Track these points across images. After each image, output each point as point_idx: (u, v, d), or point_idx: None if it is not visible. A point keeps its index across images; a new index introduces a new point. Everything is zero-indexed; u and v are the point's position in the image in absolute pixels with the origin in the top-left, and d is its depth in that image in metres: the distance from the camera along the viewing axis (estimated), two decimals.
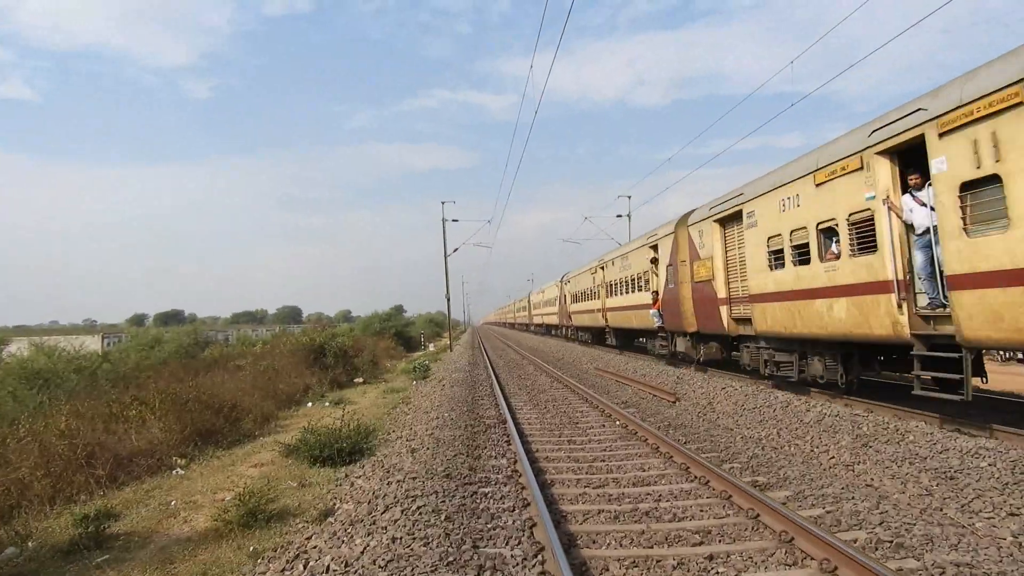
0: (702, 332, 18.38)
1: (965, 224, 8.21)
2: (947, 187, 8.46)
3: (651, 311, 22.71)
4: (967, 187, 8.17)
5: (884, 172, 9.98)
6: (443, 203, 42.51)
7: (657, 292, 22.27)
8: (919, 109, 9.09)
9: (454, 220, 56.93)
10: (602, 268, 32.31)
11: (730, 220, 15.87)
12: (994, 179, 7.77)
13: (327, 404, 18.47)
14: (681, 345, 20.43)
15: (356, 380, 24.84)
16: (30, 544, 7.25)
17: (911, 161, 9.62)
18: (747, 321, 15.07)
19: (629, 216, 43.77)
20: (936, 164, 8.67)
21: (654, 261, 22.74)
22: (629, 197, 44.60)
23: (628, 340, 31.13)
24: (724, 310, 16.37)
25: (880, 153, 9.97)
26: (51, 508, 8.64)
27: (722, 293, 16.39)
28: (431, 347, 53.59)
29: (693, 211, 18.85)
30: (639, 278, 25.01)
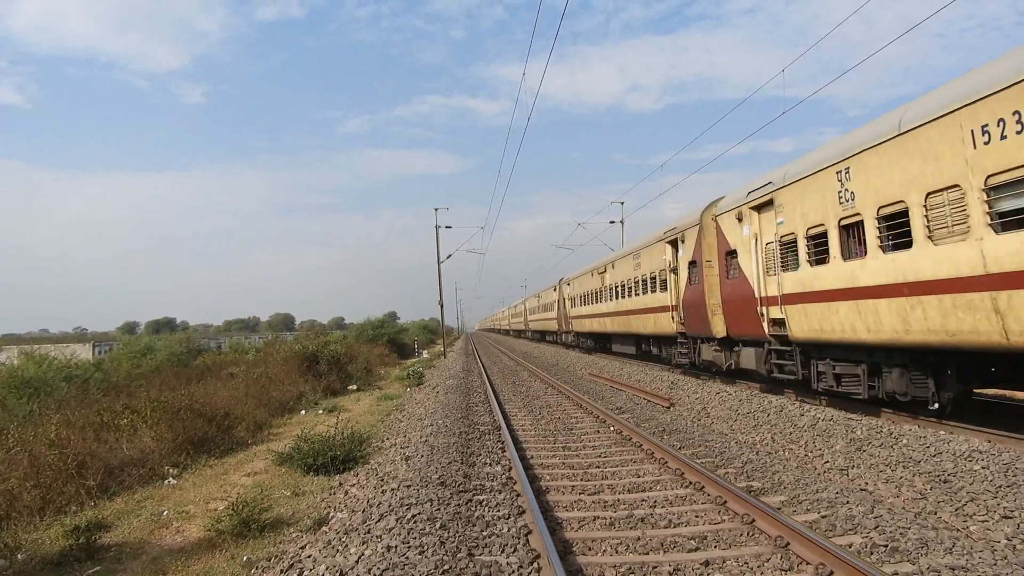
0: (732, 336, 15.86)
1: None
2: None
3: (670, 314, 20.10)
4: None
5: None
6: (436, 209, 42.50)
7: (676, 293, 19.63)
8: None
9: (448, 226, 56.98)
10: (607, 269, 29.21)
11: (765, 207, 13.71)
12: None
13: (321, 412, 18.40)
14: (707, 353, 17.60)
15: (350, 387, 24.75)
16: (19, 556, 7.17)
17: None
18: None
19: (622, 222, 43.83)
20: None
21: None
22: (622, 203, 44.67)
23: (638, 347, 26.47)
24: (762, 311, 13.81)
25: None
26: (41, 519, 8.56)
27: (760, 292, 13.85)
28: (425, 354, 53.48)
29: (721, 198, 16.57)
30: (653, 278, 22.03)
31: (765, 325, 13.63)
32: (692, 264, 17.85)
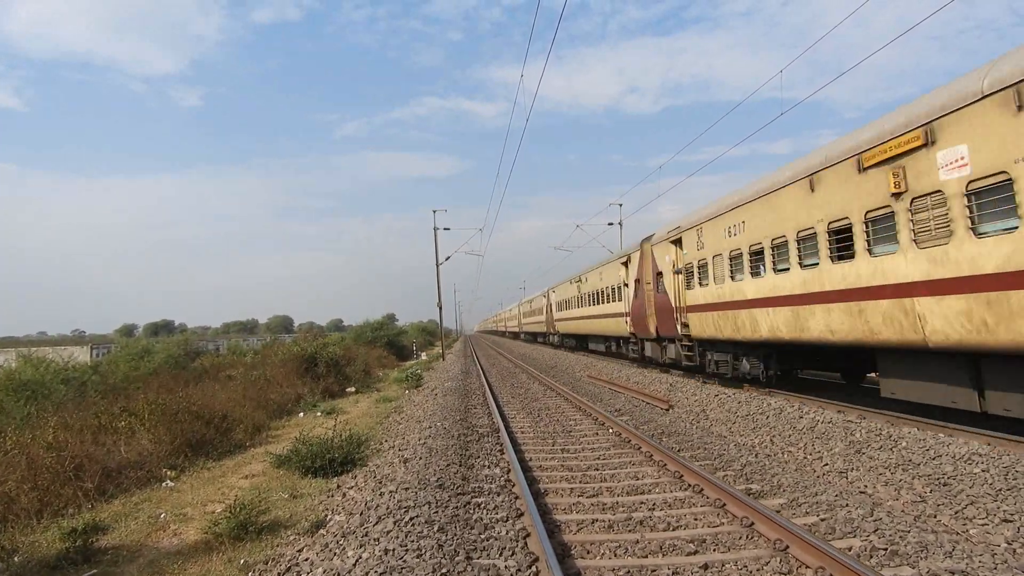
0: (661, 336, 21.30)
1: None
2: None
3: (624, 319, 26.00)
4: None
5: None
6: (435, 211, 42.44)
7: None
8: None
9: (446, 228, 57.02)
10: (582, 280, 35.83)
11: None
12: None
13: (319, 414, 18.37)
14: (647, 349, 23.38)
15: (348, 389, 24.72)
16: (16, 559, 7.14)
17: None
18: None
19: (621, 224, 43.88)
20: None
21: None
22: (620, 205, 44.78)
23: (606, 346, 33.81)
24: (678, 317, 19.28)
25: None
26: (38, 522, 8.52)
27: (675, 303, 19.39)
28: (423, 356, 53.43)
29: (654, 233, 21.85)
30: (614, 290, 27.88)
31: (679, 327, 18.96)
32: (636, 281, 23.67)
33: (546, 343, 55.32)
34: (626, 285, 25.46)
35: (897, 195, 9.56)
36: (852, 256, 10.73)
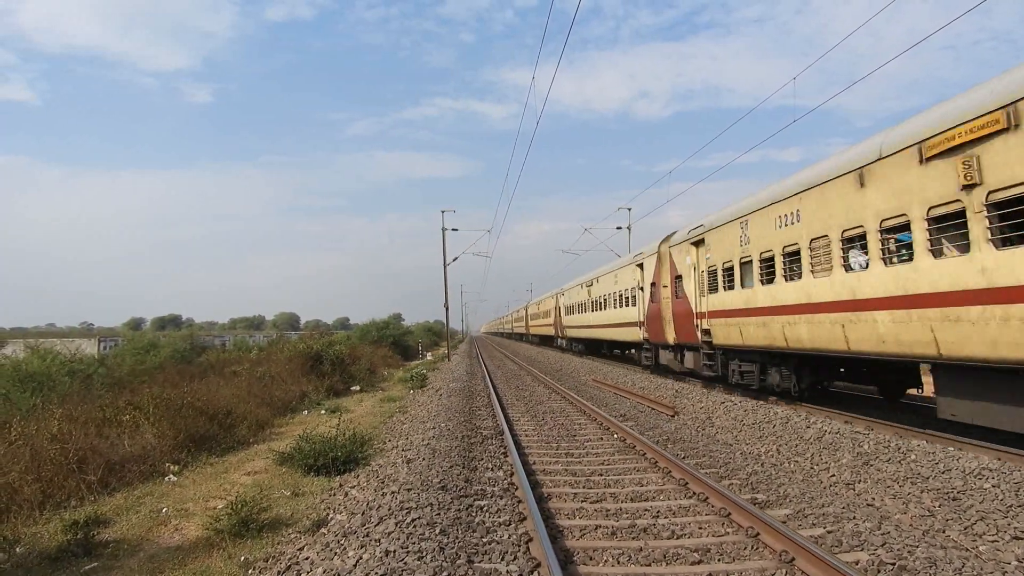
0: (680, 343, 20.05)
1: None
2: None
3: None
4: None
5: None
6: (443, 212, 42.44)
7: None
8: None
9: (454, 229, 56.84)
10: (593, 283, 34.78)
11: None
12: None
13: (323, 412, 18.36)
14: (663, 357, 22.25)
15: (353, 388, 24.71)
16: (18, 550, 7.13)
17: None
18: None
19: (629, 228, 43.77)
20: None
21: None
22: (629, 209, 44.58)
23: (620, 351, 33.58)
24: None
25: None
26: (40, 513, 8.52)
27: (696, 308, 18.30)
28: (428, 356, 53.44)
29: (674, 234, 20.82)
30: (626, 294, 27.07)
31: (699, 334, 17.77)
32: (652, 285, 22.54)
33: (554, 346, 54.41)
34: (641, 289, 24.38)
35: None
36: (910, 258, 9.68)
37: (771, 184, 14.55)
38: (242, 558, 6.62)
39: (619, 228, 44.68)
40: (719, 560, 5.79)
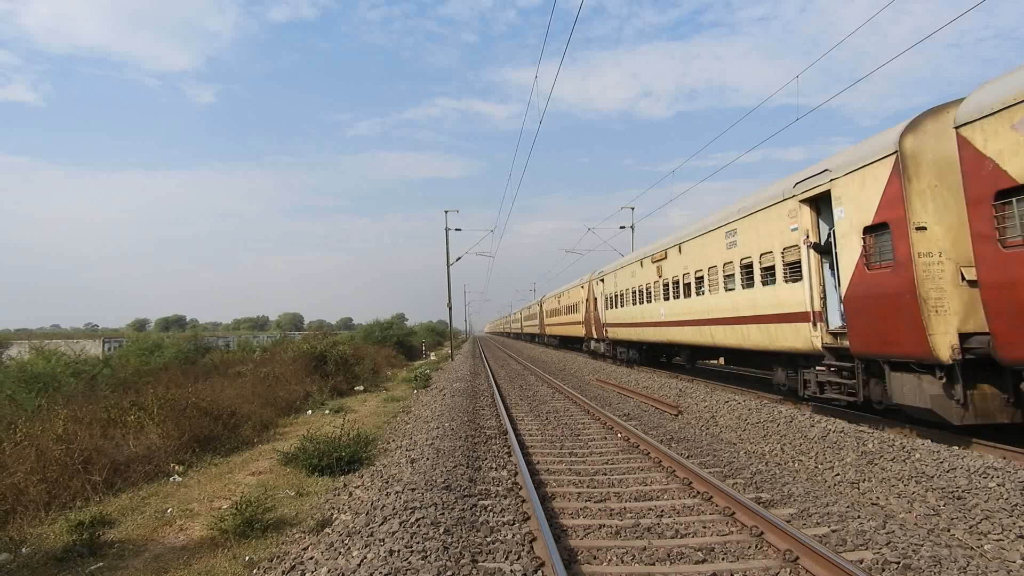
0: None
1: None
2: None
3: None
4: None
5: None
6: (446, 212, 42.47)
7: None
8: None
9: (457, 229, 56.88)
10: (667, 255, 21.12)
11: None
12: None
13: (327, 412, 18.38)
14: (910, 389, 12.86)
15: (357, 388, 24.73)
16: (24, 550, 7.16)
17: None
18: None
19: (632, 227, 43.68)
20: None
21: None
22: (632, 208, 44.40)
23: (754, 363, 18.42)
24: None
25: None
26: (46, 514, 8.54)
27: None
28: (432, 356, 53.47)
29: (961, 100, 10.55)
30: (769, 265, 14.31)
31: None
32: (874, 230, 10.47)
33: (581, 350, 41.50)
34: (818, 249, 12.37)
35: None
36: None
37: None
38: (247, 558, 6.64)
39: (622, 227, 44.61)
40: (723, 559, 5.78)
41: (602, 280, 32.45)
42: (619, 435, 12.10)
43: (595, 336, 35.20)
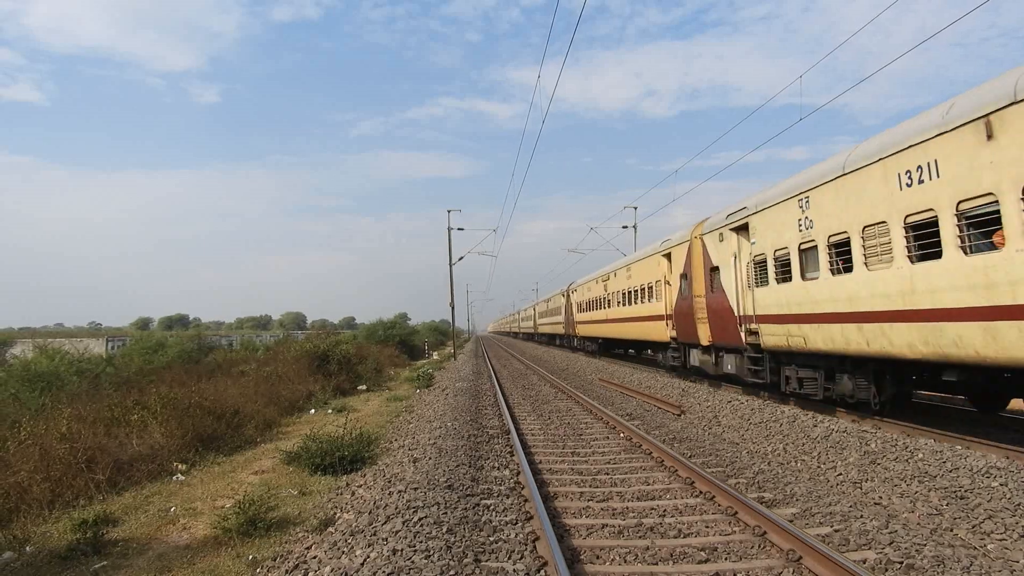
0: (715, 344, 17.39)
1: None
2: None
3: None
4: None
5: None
6: (449, 212, 42.52)
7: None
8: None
9: (459, 229, 56.87)
10: (609, 277, 30.78)
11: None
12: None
13: (330, 411, 18.41)
14: (695, 358, 19.58)
15: (359, 387, 24.77)
16: (28, 548, 7.19)
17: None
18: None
19: (635, 227, 43.71)
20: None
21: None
22: (635, 208, 44.43)
23: (637, 352, 31.21)
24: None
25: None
26: (50, 512, 8.58)
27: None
28: (435, 355, 53.50)
29: (706, 219, 17.82)
30: (650, 288, 23.96)
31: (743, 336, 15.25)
32: (683, 276, 19.20)
33: (564, 346, 51.62)
34: (668, 283, 21.47)
35: None
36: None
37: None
38: (250, 557, 6.65)
39: (625, 227, 44.68)
40: (726, 559, 5.78)
41: (574, 290, 34.88)
42: (622, 435, 12.10)
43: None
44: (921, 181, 8.99)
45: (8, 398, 15.07)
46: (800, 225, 12.38)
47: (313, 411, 18.72)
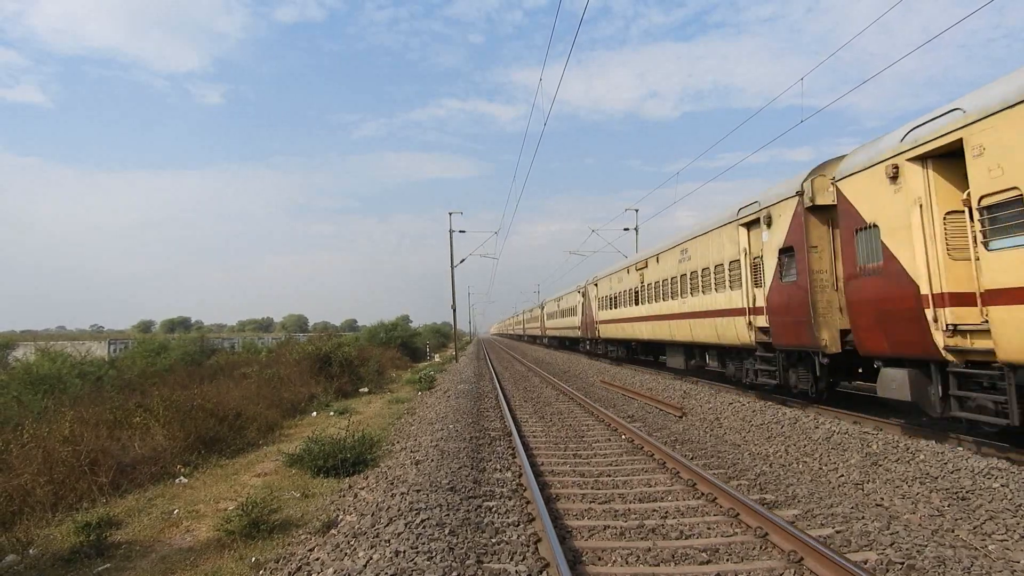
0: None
1: None
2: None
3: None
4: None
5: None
6: (451, 214, 42.54)
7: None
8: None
9: (461, 231, 56.97)
10: (648, 264, 23.86)
11: None
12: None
13: (332, 413, 18.43)
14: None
15: (361, 390, 24.79)
16: (31, 551, 7.21)
17: None
18: None
19: (636, 229, 43.66)
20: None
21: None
22: (636, 210, 44.28)
23: (688, 359, 21.31)
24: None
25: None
26: (53, 515, 8.60)
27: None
28: (436, 358, 53.51)
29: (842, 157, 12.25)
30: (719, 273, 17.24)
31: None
32: (785, 251, 13.38)
33: (578, 350, 45.57)
34: (753, 264, 15.28)
35: None
36: None
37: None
38: (253, 559, 6.67)
39: (626, 229, 44.66)
40: (728, 560, 5.80)
41: (595, 284, 30.67)
42: (623, 436, 12.11)
43: (589, 335, 25.35)
44: None
45: (11, 401, 15.09)
46: None
47: (315, 413, 18.74)
